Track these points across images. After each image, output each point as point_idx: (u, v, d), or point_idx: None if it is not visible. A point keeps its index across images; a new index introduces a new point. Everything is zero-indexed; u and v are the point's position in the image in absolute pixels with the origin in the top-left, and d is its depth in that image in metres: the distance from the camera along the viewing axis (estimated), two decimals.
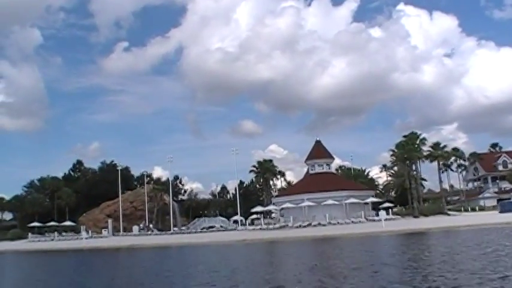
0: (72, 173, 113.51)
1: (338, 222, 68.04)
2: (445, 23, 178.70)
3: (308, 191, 75.03)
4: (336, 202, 72.48)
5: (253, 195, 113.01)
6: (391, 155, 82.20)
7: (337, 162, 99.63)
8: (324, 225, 67.34)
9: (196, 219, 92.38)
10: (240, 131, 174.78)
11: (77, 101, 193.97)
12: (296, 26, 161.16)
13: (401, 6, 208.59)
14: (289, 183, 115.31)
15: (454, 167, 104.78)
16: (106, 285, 23.14)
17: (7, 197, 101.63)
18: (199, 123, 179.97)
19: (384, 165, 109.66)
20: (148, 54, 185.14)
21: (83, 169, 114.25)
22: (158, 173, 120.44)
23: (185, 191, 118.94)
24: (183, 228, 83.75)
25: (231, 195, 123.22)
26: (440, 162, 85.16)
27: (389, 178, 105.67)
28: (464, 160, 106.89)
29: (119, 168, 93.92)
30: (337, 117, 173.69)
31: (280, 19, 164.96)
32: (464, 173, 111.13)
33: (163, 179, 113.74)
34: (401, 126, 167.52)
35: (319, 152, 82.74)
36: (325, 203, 72.01)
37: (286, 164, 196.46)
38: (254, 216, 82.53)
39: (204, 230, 79.93)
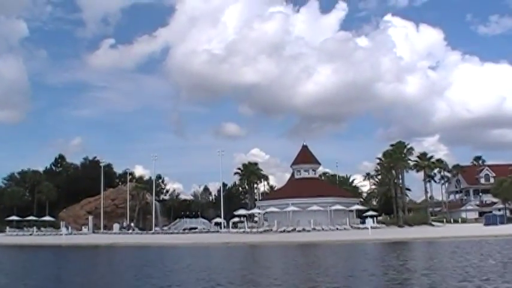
0: (53, 168, 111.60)
1: (323, 229, 67.57)
2: (431, 35, 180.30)
3: (293, 195, 74.37)
4: (321, 208, 71.86)
5: (235, 198, 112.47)
6: (378, 163, 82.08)
7: (319, 168, 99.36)
8: (308, 231, 66.70)
9: (178, 219, 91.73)
10: (223, 132, 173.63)
11: (60, 95, 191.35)
12: (283, 31, 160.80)
13: (388, 17, 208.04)
14: (271, 187, 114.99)
15: (437, 178, 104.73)
16: (82, 281, 22.22)
17: None
18: (182, 123, 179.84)
19: (368, 174, 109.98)
20: (135, 52, 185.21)
21: (64, 164, 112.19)
22: (139, 171, 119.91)
23: (167, 191, 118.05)
24: (165, 228, 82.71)
25: (213, 196, 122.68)
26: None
27: (373, 187, 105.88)
28: (448, 172, 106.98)
29: (102, 164, 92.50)
30: (320, 124, 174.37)
31: (268, 24, 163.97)
32: (446, 184, 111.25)
33: (146, 177, 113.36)
34: (383, 136, 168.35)
35: (305, 156, 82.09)
36: (310, 208, 71.40)
37: (268, 168, 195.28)
38: (236, 219, 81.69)
39: (186, 231, 79.10)
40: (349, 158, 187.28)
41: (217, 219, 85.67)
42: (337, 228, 68.13)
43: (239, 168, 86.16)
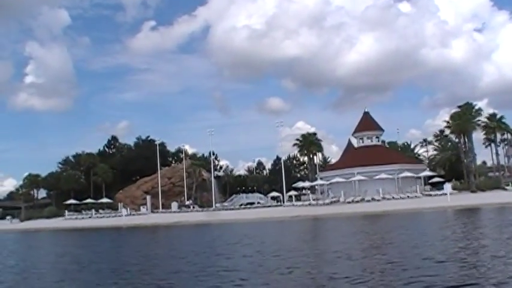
0: (106, 149, 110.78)
1: (393, 197, 64.19)
2: None
3: (359, 164, 70.95)
4: (389, 176, 68.41)
5: (290, 171, 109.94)
6: (445, 126, 77.75)
7: None
8: (377, 200, 63.55)
9: (234, 195, 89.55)
10: (267, 108, 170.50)
11: (104, 80, 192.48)
12: (323, 2, 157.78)
13: None
14: (324, 159, 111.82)
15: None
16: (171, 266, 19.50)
17: (42, 175, 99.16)
18: (225, 100, 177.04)
19: (425, 140, 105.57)
20: (175, 32, 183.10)
21: (117, 145, 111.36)
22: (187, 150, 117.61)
23: (221, 167, 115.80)
24: (225, 204, 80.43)
25: (267, 171, 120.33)
26: (484, 136, 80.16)
27: (434, 152, 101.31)
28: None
29: (157, 143, 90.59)
30: (364, 94, 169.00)
31: None
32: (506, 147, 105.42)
33: (198, 155, 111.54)
34: (429, 104, 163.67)
35: (368, 123, 78.47)
36: (377, 177, 67.99)
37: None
38: (293, 192, 78.86)
39: (243, 206, 77.09)
40: (396, 127, 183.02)
41: (274, 193, 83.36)
42: (408, 197, 64.49)
43: (298, 139, 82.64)
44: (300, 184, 79.63)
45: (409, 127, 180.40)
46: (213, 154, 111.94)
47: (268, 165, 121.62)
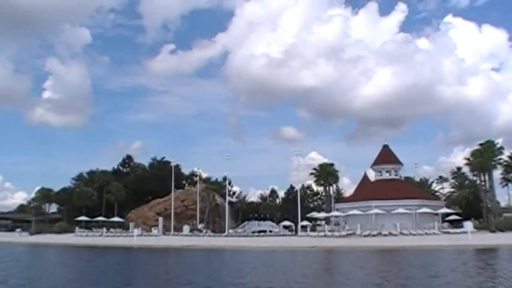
0: (121, 168, 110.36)
1: (411, 233, 62.85)
2: (494, 36, 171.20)
3: (376, 197, 69.80)
4: (407, 211, 67.14)
5: (303, 201, 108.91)
6: (466, 164, 76.39)
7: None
8: (394, 235, 62.17)
9: (246, 222, 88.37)
10: (281, 136, 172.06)
11: (120, 99, 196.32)
12: (342, 34, 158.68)
13: (449, 18, 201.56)
14: (338, 190, 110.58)
15: None
16: None
17: (56, 189, 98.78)
18: (240, 126, 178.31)
19: (441, 177, 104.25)
20: (194, 57, 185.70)
21: (132, 164, 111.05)
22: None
23: (234, 193, 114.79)
24: (240, 231, 79.26)
25: (280, 199, 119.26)
26: (501, 176, 78.68)
27: (452, 190, 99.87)
28: None
29: (173, 164, 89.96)
30: (379, 128, 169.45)
31: (326, 27, 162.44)
32: None
33: (212, 179, 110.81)
34: (444, 140, 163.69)
35: (387, 156, 77.60)
36: (395, 211, 66.76)
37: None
38: (305, 222, 77.69)
39: (255, 233, 75.74)
40: (409, 162, 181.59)
41: (286, 223, 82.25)
42: (426, 233, 63.13)
43: (315, 169, 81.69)
44: (316, 215, 78.43)
45: (423, 163, 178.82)
46: (226, 179, 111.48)
47: (280, 193, 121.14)
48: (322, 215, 75.92)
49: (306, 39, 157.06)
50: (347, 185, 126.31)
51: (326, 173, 79.03)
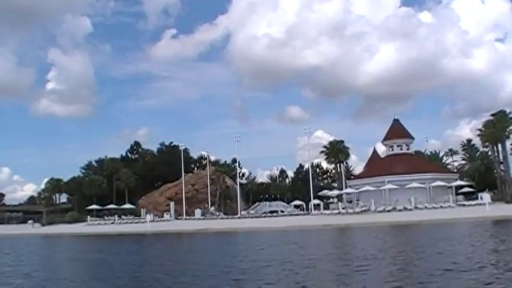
0: (129, 155, 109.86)
1: (426, 207, 62.26)
2: (498, 6, 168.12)
3: (389, 172, 69.16)
4: (421, 185, 66.47)
5: (313, 180, 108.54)
6: (478, 135, 75.43)
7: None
8: (410, 209, 61.61)
9: (257, 203, 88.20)
10: (286, 117, 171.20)
11: (124, 87, 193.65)
12: (344, 11, 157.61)
13: None
14: (347, 168, 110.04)
15: None
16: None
17: (64, 179, 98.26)
18: (245, 109, 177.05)
19: (450, 149, 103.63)
20: (196, 41, 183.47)
21: (140, 151, 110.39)
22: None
23: (243, 175, 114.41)
24: (252, 212, 78.92)
25: (290, 179, 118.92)
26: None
27: (463, 162, 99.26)
28: None
29: (181, 148, 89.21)
30: (384, 104, 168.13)
31: (328, 4, 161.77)
32: None
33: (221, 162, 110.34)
34: (450, 114, 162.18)
35: (398, 131, 76.76)
36: (409, 185, 66.11)
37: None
38: (316, 200, 77.29)
39: (267, 214, 75.51)
40: (416, 137, 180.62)
41: (297, 202, 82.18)
42: (441, 206, 62.49)
43: (325, 147, 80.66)
44: (328, 193, 77.99)
45: (429, 137, 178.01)
46: (235, 162, 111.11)
47: (288, 173, 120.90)
48: (335, 192, 75.45)
49: (308, 18, 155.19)
50: (354, 162, 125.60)
51: (336, 150, 78.08)
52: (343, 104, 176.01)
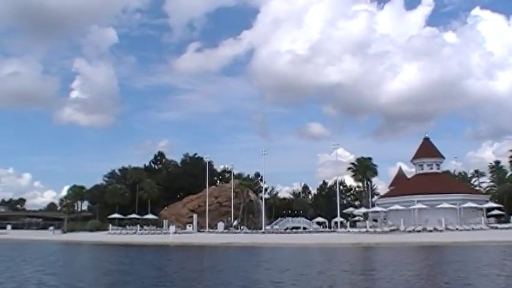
0: (153, 165, 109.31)
1: (457, 229, 60.55)
2: None
3: (419, 192, 67.65)
4: (451, 206, 64.86)
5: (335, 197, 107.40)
6: (511, 157, 73.80)
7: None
8: (440, 230, 59.95)
9: (280, 218, 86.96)
10: (307, 133, 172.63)
11: (147, 98, 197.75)
12: (368, 29, 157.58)
13: (477, 10, 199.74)
14: (371, 186, 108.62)
15: None
16: None
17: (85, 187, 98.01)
18: (266, 124, 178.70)
19: (476, 171, 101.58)
20: (220, 54, 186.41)
21: (164, 161, 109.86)
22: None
23: (266, 189, 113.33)
24: (276, 227, 77.68)
25: (312, 195, 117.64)
26: None
27: (491, 184, 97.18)
28: None
29: (206, 160, 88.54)
30: (406, 123, 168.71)
31: (352, 22, 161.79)
32: None
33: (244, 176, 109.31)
34: (472, 135, 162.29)
35: (428, 150, 75.32)
36: (439, 206, 64.52)
37: (342, 169, 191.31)
38: (337, 218, 75.97)
39: (289, 230, 74.66)
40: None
41: (319, 219, 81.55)
42: (472, 228, 60.71)
43: (352, 163, 79.66)
44: (355, 211, 76.64)
45: (451, 158, 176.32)
46: (258, 176, 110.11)
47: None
48: (362, 210, 73.88)
49: (332, 35, 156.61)
50: (375, 180, 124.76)
51: (364, 167, 76.73)
52: (364, 122, 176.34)
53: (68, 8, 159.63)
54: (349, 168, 79.88)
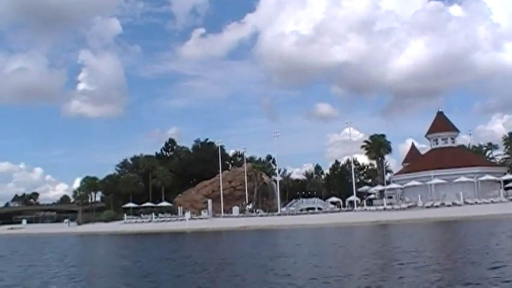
0: (164, 152, 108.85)
1: (476, 202, 59.89)
2: None
3: (435, 167, 66.88)
4: (469, 179, 64.08)
5: (349, 176, 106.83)
6: None
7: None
8: (458, 205, 59.35)
9: (294, 200, 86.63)
10: (315, 114, 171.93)
11: (153, 87, 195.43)
12: (372, 6, 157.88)
13: None
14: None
15: None
16: None
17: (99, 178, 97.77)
18: (273, 107, 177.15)
19: (490, 143, 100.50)
20: (224, 39, 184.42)
21: (175, 148, 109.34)
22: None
23: (278, 171, 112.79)
24: (292, 209, 77.32)
25: (325, 175, 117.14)
26: None
27: (506, 156, 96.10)
28: None
29: (218, 145, 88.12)
30: (414, 100, 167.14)
31: (356, 0, 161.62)
32: None
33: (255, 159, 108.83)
34: (481, 109, 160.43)
35: (442, 124, 74.36)
36: (457, 180, 63.77)
37: (356, 148, 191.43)
38: (353, 197, 75.41)
39: (305, 211, 74.05)
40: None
41: (333, 199, 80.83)
42: (491, 201, 60.03)
43: (366, 141, 78.37)
44: (371, 189, 76.01)
45: (461, 133, 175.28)
46: (270, 158, 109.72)
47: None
48: (379, 188, 73.09)
49: (336, 14, 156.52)
50: (386, 158, 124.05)
51: (378, 145, 75.68)
52: (372, 101, 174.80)
53: (71, 1, 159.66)
54: (363, 146, 78.69)
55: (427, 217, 50.64)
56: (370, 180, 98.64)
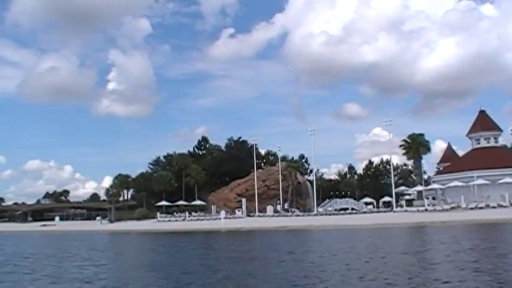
0: (196, 150, 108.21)
1: None
2: None
3: (479, 167, 65.01)
4: None
5: (383, 176, 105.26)
6: None
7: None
8: (504, 206, 57.42)
9: (327, 200, 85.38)
10: (344, 114, 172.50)
11: (182, 86, 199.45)
12: (402, 6, 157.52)
13: None
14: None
15: None
16: None
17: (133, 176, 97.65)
18: (302, 106, 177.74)
19: None
20: (253, 39, 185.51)
21: (208, 146, 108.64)
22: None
23: (311, 171, 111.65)
24: (329, 209, 76.22)
25: (358, 175, 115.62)
26: None
27: None
28: None
29: (253, 143, 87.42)
30: (444, 100, 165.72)
31: (386, 0, 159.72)
32: None
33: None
34: None
35: (485, 123, 72.46)
36: (501, 181, 61.79)
37: (392, 147, 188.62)
38: (387, 198, 73.89)
39: (342, 212, 72.86)
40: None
41: (367, 199, 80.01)
42: None
43: (404, 140, 76.30)
44: (409, 190, 74.62)
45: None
46: (303, 158, 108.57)
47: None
48: (418, 188, 71.22)
49: (365, 14, 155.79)
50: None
51: (417, 144, 73.71)
52: (401, 101, 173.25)
53: (102, 1, 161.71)
54: (401, 146, 76.72)
55: (472, 219, 48.94)
56: (401, 181, 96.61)
